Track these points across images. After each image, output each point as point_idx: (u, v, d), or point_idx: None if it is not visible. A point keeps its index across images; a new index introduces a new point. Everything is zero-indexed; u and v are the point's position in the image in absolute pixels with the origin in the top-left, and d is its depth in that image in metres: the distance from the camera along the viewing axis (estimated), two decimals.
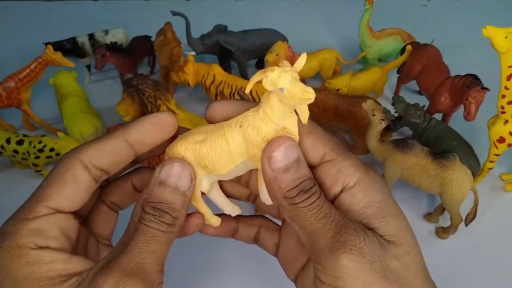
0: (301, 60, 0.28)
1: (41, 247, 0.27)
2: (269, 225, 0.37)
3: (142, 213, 0.28)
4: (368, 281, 0.25)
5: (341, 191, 0.29)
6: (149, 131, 0.30)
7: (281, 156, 0.27)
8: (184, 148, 0.29)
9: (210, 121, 0.32)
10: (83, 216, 0.34)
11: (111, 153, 0.29)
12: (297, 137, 0.29)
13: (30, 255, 0.26)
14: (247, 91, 0.30)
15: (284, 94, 0.27)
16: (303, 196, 0.27)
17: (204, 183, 0.31)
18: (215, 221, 0.33)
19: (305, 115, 0.28)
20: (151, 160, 0.92)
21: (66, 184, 0.29)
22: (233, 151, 0.29)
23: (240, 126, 0.29)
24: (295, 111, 0.29)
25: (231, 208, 0.34)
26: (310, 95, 0.27)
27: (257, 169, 0.30)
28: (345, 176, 0.28)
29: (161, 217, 0.28)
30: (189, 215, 0.32)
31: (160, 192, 0.28)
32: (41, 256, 0.27)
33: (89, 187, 0.29)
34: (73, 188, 0.29)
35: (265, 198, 0.30)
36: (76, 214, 0.30)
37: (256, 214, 0.39)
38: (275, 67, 0.28)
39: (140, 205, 0.29)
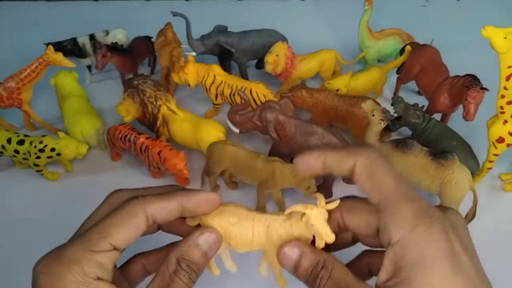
0: (332, 205, 0.34)
1: (99, 278, 0.31)
2: (376, 256, 0.38)
3: (178, 267, 0.34)
4: None
5: (388, 244, 0.29)
6: (202, 205, 0.36)
7: (285, 261, 0.34)
8: (218, 224, 0.37)
9: (300, 172, 0.37)
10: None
11: (168, 212, 0.35)
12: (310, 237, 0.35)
13: (92, 284, 0.31)
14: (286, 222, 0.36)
15: (313, 228, 0.33)
16: (317, 281, 0.32)
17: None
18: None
19: (321, 244, 0.35)
20: (152, 160, 0.92)
21: (130, 228, 0.33)
22: (255, 242, 0.37)
23: (267, 226, 0.36)
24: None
25: (231, 266, 0.40)
26: (329, 238, 0.33)
27: None
28: (389, 231, 0.29)
29: (191, 274, 0.34)
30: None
31: (194, 253, 0.35)
32: (99, 286, 0.31)
33: (142, 232, 0.35)
34: (133, 232, 0.34)
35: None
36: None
37: (363, 251, 0.39)
38: (314, 206, 0.34)
39: (176, 258, 0.34)
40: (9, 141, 0.90)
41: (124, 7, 1.82)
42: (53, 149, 0.90)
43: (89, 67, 1.31)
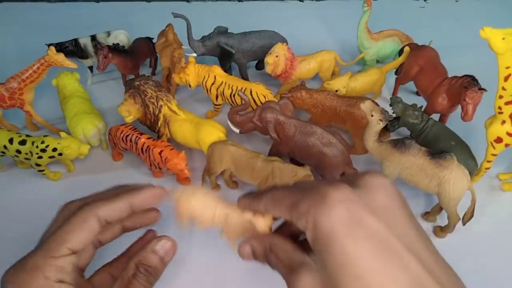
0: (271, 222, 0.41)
1: (60, 281, 0.34)
2: None
3: (137, 271, 0.37)
4: None
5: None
6: (149, 201, 0.41)
7: (243, 252, 0.39)
8: (187, 205, 0.42)
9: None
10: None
11: (117, 211, 0.39)
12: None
13: (54, 284, 0.34)
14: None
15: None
16: (270, 263, 0.36)
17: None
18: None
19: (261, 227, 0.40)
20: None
21: (84, 232, 0.37)
22: (214, 224, 0.43)
23: (227, 215, 0.43)
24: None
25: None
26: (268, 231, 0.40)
27: None
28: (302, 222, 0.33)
29: (148, 277, 0.37)
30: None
31: (152, 258, 0.38)
32: (61, 286, 0.34)
33: (96, 234, 0.38)
34: (88, 235, 0.37)
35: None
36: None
37: None
38: (261, 217, 0.41)
39: (135, 263, 0.37)
40: (11, 141, 0.90)
41: (125, 9, 1.82)
42: (55, 149, 0.90)
43: (90, 68, 1.31)
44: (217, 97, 1.12)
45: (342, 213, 0.29)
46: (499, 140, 0.86)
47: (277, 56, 1.12)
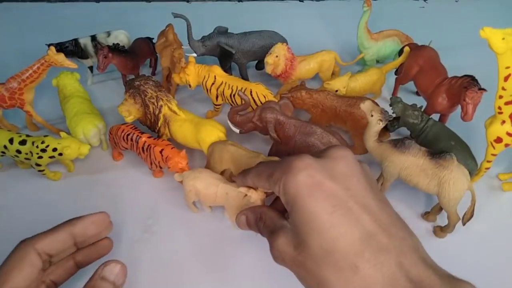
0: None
1: None
2: None
3: None
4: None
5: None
6: (89, 227, 0.40)
7: (240, 223, 0.46)
8: (192, 185, 0.58)
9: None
10: None
11: (58, 243, 0.38)
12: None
13: None
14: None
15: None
16: (259, 229, 0.43)
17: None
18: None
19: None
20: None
21: (24, 268, 0.36)
22: (217, 202, 0.59)
23: (226, 193, 0.62)
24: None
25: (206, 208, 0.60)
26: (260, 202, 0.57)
27: None
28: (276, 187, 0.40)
29: None
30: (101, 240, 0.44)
31: (102, 285, 0.36)
32: None
33: (38, 268, 0.37)
34: (29, 271, 0.36)
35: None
36: None
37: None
38: (254, 191, 0.54)
39: None
40: (11, 141, 0.90)
41: (125, 9, 1.82)
42: (55, 149, 0.90)
43: (90, 68, 1.31)
44: (217, 97, 1.12)
45: (304, 178, 0.34)
46: (499, 140, 0.86)
47: (277, 56, 1.12)
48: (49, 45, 1.09)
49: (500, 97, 0.82)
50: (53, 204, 0.90)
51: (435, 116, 1.02)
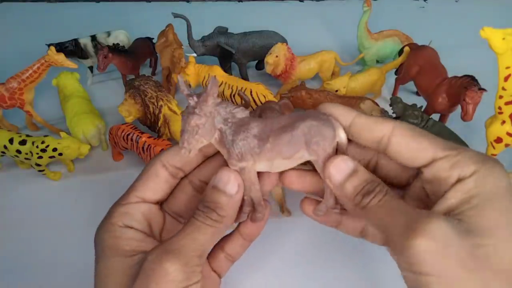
0: None
1: (126, 226, 0.34)
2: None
3: (196, 210, 0.34)
4: (442, 266, 0.25)
5: (456, 182, 0.29)
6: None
7: (337, 172, 0.32)
8: None
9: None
10: (178, 213, 0.40)
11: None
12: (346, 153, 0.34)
13: (117, 231, 0.34)
14: None
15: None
16: (368, 198, 0.30)
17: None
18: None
19: None
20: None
21: (150, 178, 0.37)
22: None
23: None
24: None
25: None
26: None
27: None
28: (460, 169, 0.29)
29: (208, 213, 0.33)
30: (242, 224, 0.39)
31: (213, 194, 0.34)
32: (124, 233, 0.34)
33: (167, 180, 0.37)
34: (155, 181, 0.36)
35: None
36: (167, 208, 0.38)
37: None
38: None
39: (197, 205, 0.35)
40: (11, 141, 0.90)
41: (125, 9, 1.82)
42: (55, 149, 0.90)
43: (90, 68, 1.31)
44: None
45: (506, 181, 0.29)
46: (499, 140, 0.86)
47: (277, 56, 1.12)
48: (49, 45, 1.09)
49: (500, 97, 0.82)
50: (53, 204, 0.90)
51: (435, 116, 1.02)
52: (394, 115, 0.97)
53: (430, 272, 0.25)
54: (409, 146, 0.31)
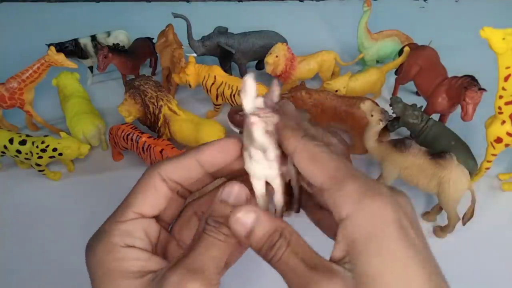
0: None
1: (128, 246, 0.32)
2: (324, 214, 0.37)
3: (206, 225, 0.32)
4: None
5: (339, 220, 0.29)
6: (217, 155, 0.35)
7: (239, 226, 0.31)
8: None
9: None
10: (168, 223, 0.39)
11: (184, 169, 0.35)
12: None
13: (119, 252, 0.31)
14: None
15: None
16: (271, 252, 0.30)
17: None
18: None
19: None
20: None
21: (148, 193, 0.34)
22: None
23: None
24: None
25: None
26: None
27: None
28: (339, 208, 0.29)
29: (220, 228, 0.32)
30: None
31: (221, 208, 0.33)
32: (128, 253, 0.31)
33: (166, 196, 0.35)
34: (154, 196, 0.34)
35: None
36: (158, 219, 0.36)
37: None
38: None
39: (205, 219, 0.33)
40: (11, 141, 0.90)
41: (125, 9, 1.82)
42: (55, 149, 0.90)
43: (90, 68, 1.31)
44: (217, 97, 1.12)
45: (393, 215, 0.27)
46: (499, 140, 0.86)
47: (277, 56, 1.12)
48: (49, 45, 1.09)
49: (500, 97, 0.82)
50: (53, 204, 0.90)
51: (435, 116, 1.02)
52: (394, 115, 0.97)
53: None
54: (306, 169, 0.32)
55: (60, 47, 1.20)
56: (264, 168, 0.33)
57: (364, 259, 0.27)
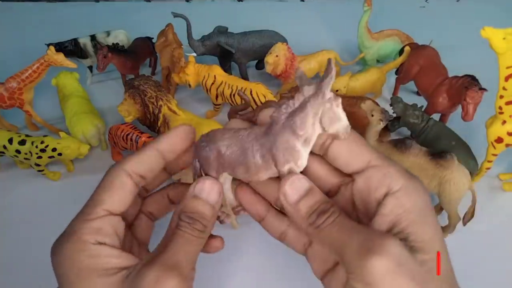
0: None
1: (99, 243, 0.32)
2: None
3: (179, 220, 0.33)
4: (397, 283, 0.26)
5: (385, 195, 0.31)
6: (176, 142, 0.36)
7: (292, 191, 0.32)
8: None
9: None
10: (129, 222, 0.40)
11: (146, 162, 0.35)
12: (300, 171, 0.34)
13: (91, 249, 0.31)
14: None
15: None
16: (322, 217, 0.31)
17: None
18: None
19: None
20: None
21: (116, 189, 0.34)
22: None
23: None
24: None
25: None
26: None
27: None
28: (390, 180, 0.31)
29: (194, 224, 0.33)
30: (212, 237, 0.37)
31: (193, 204, 0.33)
32: (100, 251, 0.31)
33: (132, 191, 0.35)
34: (121, 192, 0.34)
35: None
36: (123, 218, 0.36)
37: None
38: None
39: (177, 214, 0.33)
40: (10, 141, 0.90)
41: (125, 8, 1.82)
42: (54, 149, 0.90)
43: (90, 68, 1.31)
44: (217, 97, 1.12)
45: (427, 197, 0.31)
46: (499, 140, 0.86)
47: (277, 56, 1.12)
48: (48, 45, 1.09)
49: (501, 97, 0.82)
50: (52, 205, 0.90)
51: (436, 116, 1.02)
52: (394, 115, 0.97)
53: None
54: (348, 150, 0.33)
55: (60, 47, 1.20)
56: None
57: (418, 227, 0.29)
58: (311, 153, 0.33)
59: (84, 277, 0.30)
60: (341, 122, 0.32)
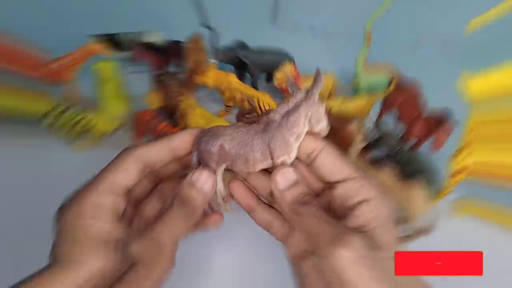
0: None
1: (95, 218, 0.31)
2: (283, 218, 0.39)
3: (171, 202, 0.33)
4: (357, 272, 0.27)
5: (360, 202, 0.32)
6: (187, 140, 0.36)
7: (282, 180, 0.33)
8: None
9: None
10: (136, 201, 0.38)
11: (155, 151, 0.35)
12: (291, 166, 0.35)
13: (86, 223, 0.30)
14: None
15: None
16: (304, 207, 0.31)
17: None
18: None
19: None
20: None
21: (120, 170, 0.33)
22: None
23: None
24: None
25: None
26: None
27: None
28: (366, 191, 0.32)
29: (185, 208, 0.32)
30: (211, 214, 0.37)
31: (188, 190, 0.33)
32: (97, 221, 0.31)
33: (137, 174, 0.34)
34: (124, 174, 0.33)
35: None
36: (129, 195, 0.35)
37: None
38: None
39: (173, 196, 0.33)
40: (52, 109, 0.91)
41: (163, 9, 1.82)
42: (87, 122, 0.91)
43: (125, 60, 1.32)
44: (229, 100, 1.13)
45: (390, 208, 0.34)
46: (462, 170, 0.86)
47: (284, 73, 1.13)
48: (91, 36, 1.10)
49: (468, 131, 0.82)
50: (78, 175, 0.90)
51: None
52: (376, 136, 0.97)
53: (347, 279, 0.27)
54: (333, 163, 0.34)
55: (101, 39, 1.21)
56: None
57: (383, 230, 0.30)
58: (302, 162, 0.35)
59: (77, 243, 0.30)
60: (324, 122, 0.34)
